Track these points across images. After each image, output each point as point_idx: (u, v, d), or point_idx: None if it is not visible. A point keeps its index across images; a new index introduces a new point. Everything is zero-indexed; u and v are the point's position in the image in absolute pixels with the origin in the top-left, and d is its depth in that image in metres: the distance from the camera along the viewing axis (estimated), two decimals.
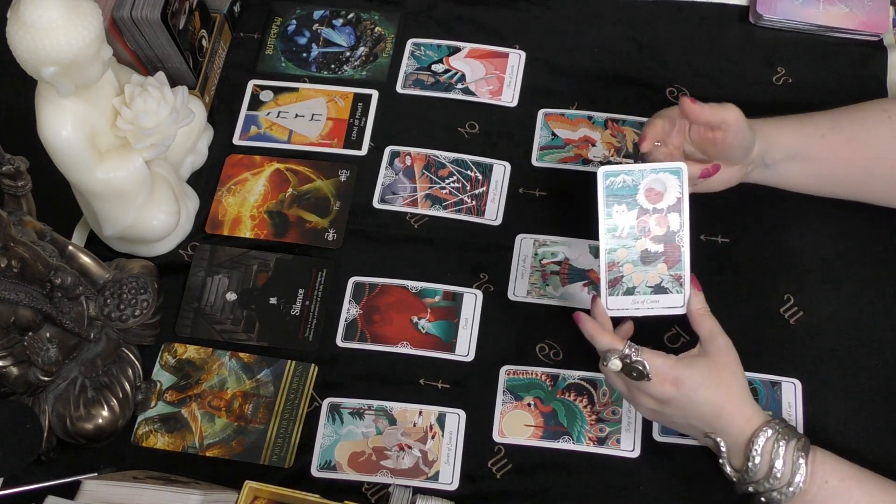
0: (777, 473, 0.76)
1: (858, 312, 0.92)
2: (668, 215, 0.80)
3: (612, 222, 0.80)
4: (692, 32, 1.10)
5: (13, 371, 0.84)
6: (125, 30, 0.97)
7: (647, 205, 0.80)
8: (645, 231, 0.80)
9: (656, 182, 0.79)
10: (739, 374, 0.79)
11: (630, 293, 0.81)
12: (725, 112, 0.82)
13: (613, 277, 0.81)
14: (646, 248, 0.81)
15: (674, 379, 0.78)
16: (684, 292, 0.81)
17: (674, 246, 0.80)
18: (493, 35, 1.12)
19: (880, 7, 1.07)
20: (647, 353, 0.78)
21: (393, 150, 1.05)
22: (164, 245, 1.00)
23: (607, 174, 0.79)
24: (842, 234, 0.96)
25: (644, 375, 0.78)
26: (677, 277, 0.81)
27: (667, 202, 0.80)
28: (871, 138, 0.87)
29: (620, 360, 0.78)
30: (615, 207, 0.80)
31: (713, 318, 0.81)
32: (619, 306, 0.82)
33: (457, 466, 0.89)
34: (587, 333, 0.81)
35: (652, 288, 0.81)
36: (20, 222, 0.87)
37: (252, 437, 0.91)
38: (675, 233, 0.80)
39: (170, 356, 0.96)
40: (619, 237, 0.80)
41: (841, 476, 0.76)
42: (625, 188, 0.79)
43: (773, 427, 0.77)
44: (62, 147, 0.86)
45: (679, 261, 0.81)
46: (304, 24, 1.14)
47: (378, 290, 0.98)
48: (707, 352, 0.79)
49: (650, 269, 0.81)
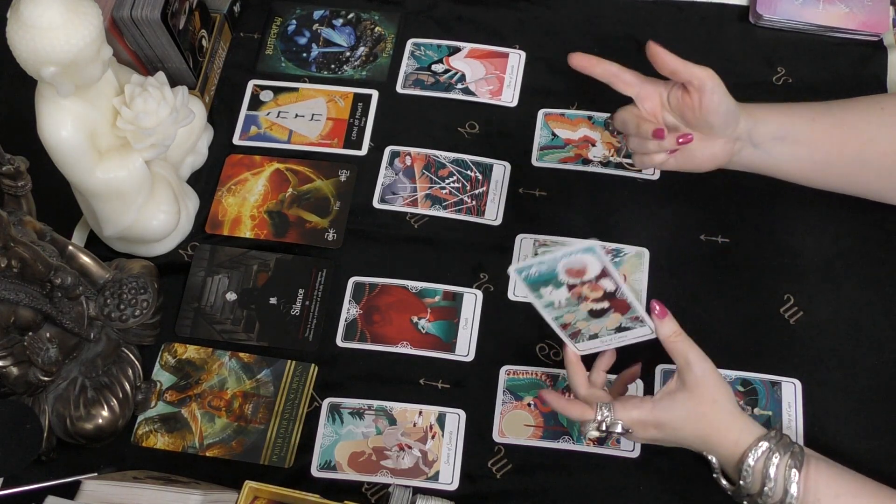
0: (769, 492, 0.75)
1: (858, 312, 0.92)
2: (598, 282, 0.75)
3: (545, 301, 0.77)
4: (692, 32, 1.10)
5: (13, 371, 0.84)
6: (125, 30, 0.97)
7: (573, 280, 0.75)
8: (582, 298, 0.77)
9: (573, 263, 0.74)
10: (722, 400, 0.77)
11: (595, 338, 0.81)
12: (696, 69, 0.80)
13: (572, 332, 0.80)
14: (591, 308, 0.78)
15: (655, 424, 0.78)
16: (648, 324, 0.79)
17: (618, 300, 0.77)
18: (493, 35, 1.12)
19: (880, 7, 1.07)
20: (621, 410, 0.77)
21: (393, 150, 1.05)
22: (164, 245, 1.00)
23: (519, 271, 0.74)
24: (842, 234, 0.96)
25: (624, 432, 0.78)
26: (635, 318, 0.79)
27: (591, 274, 0.75)
28: (861, 123, 0.86)
29: (597, 429, 0.78)
30: (542, 290, 0.76)
31: (688, 342, 0.78)
32: (589, 347, 0.82)
33: (457, 466, 0.89)
34: (555, 409, 0.81)
35: (614, 330, 0.80)
36: (20, 222, 0.87)
37: (252, 437, 0.91)
38: (613, 292, 0.76)
39: (170, 356, 0.96)
40: (559, 308, 0.78)
41: (836, 492, 0.75)
42: (542, 276, 0.75)
43: (765, 444, 0.76)
44: (62, 147, 0.86)
45: (629, 307, 0.77)
46: (304, 24, 1.14)
47: (378, 290, 0.98)
48: (685, 384, 0.78)
49: (605, 319, 0.79)
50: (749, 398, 0.89)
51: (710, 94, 0.81)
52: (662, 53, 0.81)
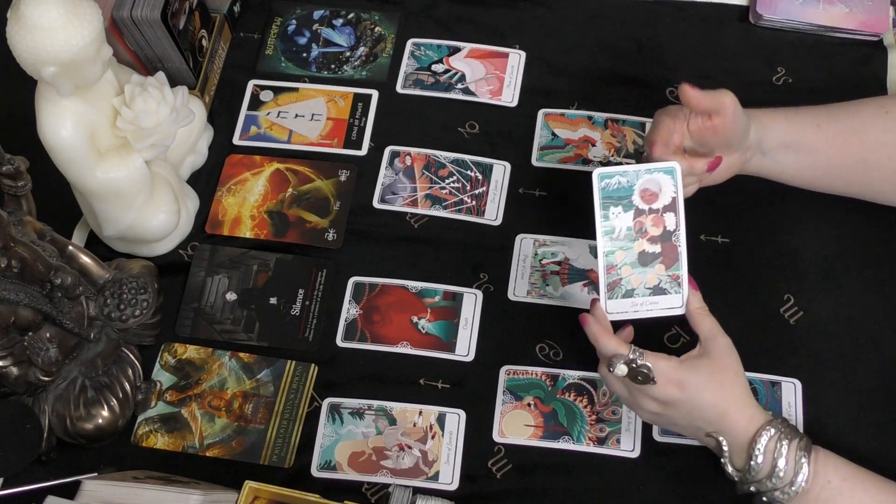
0: (779, 473, 0.76)
1: (858, 312, 0.92)
2: (663, 215, 0.80)
3: (608, 224, 0.80)
4: (692, 32, 1.10)
5: (13, 371, 0.84)
6: (125, 30, 0.97)
7: (642, 205, 0.79)
8: (642, 232, 0.80)
9: (651, 182, 0.79)
10: (741, 375, 0.79)
11: (629, 296, 0.81)
12: (722, 96, 0.82)
13: (612, 280, 0.81)
14: (643, 249, 0.80)
15: (678, 381, 0.78)
16: (682, 292, 0.81)
17: (671, 246, 0.80)
18: (493, 35, 1.12)
19: (880, 7, 1.07)
20: (650, 357, 0.78)
21: (393, 150, 1.05)
22: (164, 245, 1.00)
23: (602, 176, 0.79)
24: (842, 234, 0.96)
25: (649, 379, 0.78)
26: (675, 278, 0.81)
27: (662, 202, 0.80)
28: (866, 130, 0.87)
29: (626, 364, 0.78)
30: (611, 209, 0.80)
31: (712, 318, 0.81)
32: (619, 309, 0.82)
33: (457, 466, 0.89)
34: (591, 336, 0.80)
35: (650, 289, 0.81)
36: (20, 222, 0.87)
37: (252, 437, 0.91)
38: (671, 232, 0.80)
39: (170, 356, 0.96)
40: (616, 239, 0.80)
41: (843, 476, 0.76)
42: (620, 189, 0.79)
43: (776, 426, 0.77)
44: (62, 147, 0.86)
45: (676, 261, 0.81)
46: (304, 24, 1.14)
47: (378, 290, 0.98)
48: (708, 352, 0.79)
49: (648, 270, 0.81)
50: None
51: (731, 117, 0.82)
52: (696, 94, 0.81)
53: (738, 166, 0.88)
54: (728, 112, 0.82)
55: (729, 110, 0.82)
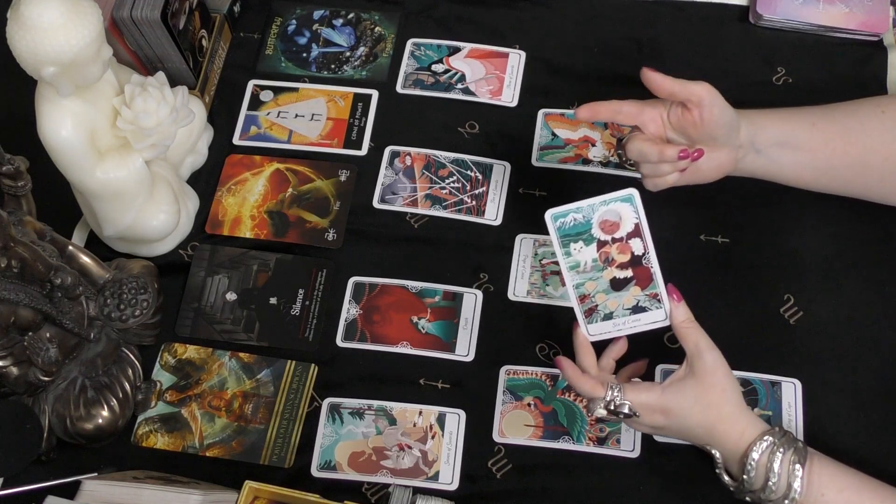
0: (772, 486, 0.75)
1: (858, 312, 0.92)
2: (629, 242, 0.78)
3: (572, 260, 0.78)
4: (692, 32, 1.10)
5: (13, 371, 0.84)
6: (125, 30, 0.97)
7: (604, 236, 0.77)
8: (609, 261, 0.78)
9: (609, 213, 0.77)
10: (730, 390, 0.78)
11: (609, 318, 0.80)
12: (693, 87, 0.81)
13: (588, 308, 0.80)
14: (614, 277, 0.79)
15: (662, 409, 0.77)
16: (664, 307, 0.80)
17: (642, 269, 0.78)
18: (493, 35, 1.12)
19: (880, 7, 1.07)
20: (630, 392, 0.77)
21: (393, 150, 1.05)
22: (164, 245, 1.00)
23: (556, 216, 0.77)
24: (842, 234, 0.96)
25: (631, 415, 0.77)
26: (654, 296, 0.79)
27: (625, 230, 0.77)
28: (862, 128, 0.87)
29: (605, 407, 0.78)
30: (572, 246, 0.78)
31: (699, 330, 0.79)
32: (601, 331, 0.81)
33: (457, 466, 0.89)
34: (567, 380, 0.80)
35: (630, 309, 0.80)
36: (20, 222, 0.87)
37: (252, 437, 0.91)
38: (640, 256, 0.78)
39: (170, 356, 0.96)
40: (583, 272, 0.79)
41: (839, 487, 0.75)
42: (577, 226, 0.77)
43: (769, 439, 0.76)
44: (62, 147, 0.86)
45: (651, 280, 0.79)
46: (304, 24, 1.14)
47: (378, 290, 0.98)
48: (694, 371, 0.78)
49: (624, 293, 0.79)
50: (749, 398, 0.89)
51: (709, 108, 0.81)
52: (658, 77, 0.81)
53: (729, 166, 0.87)
54: (704, 102, 0.81)
55: (705, 101, 0.81)
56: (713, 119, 0.82)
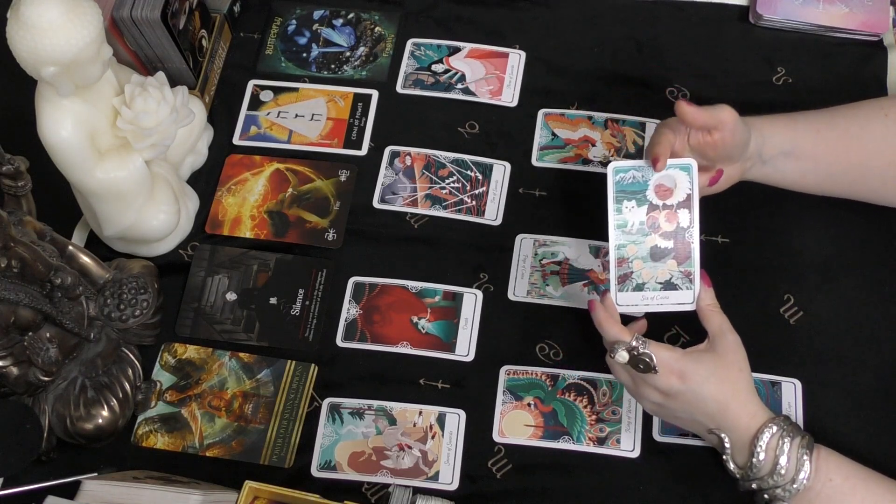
0: (781, 470, 0.76)
1: (858, 312, 0.92)
2: (677, 211, 0.80)
3: (621, 218, 0.80)
4: (692, 32, 1.10)
5: (13, 371, 0.84)
6: (125, 30, 0.97)
7: (656, 201, 0.80)
8: (655, 227, 0.80)
9: (666, 178, 0.79)
10: (746, 372, 0.79)
11: (640, 289, 0.81)
12: (720, 113, 0.82)
13: (623, 273, 0.81)
14: (655, 245, 0.80)
15: (680, 372, 0.78)
16: (694, 288, 0.81)
17: (684, 242, 0.80)
18: (493, 35, 1.12)
19: (880, 7, 1.07)
20: (654, 346, 0.78)
21: (393, 150, 1.05)
22: (164, 245, 1.00)
23: (617, 170, 0.79)
24: (842, 234, 0.96)
25: (651, 368, 0.78)
26: (687, 274, 0.81)
27: (677, 198, 0.80)
28: (865, 135, 0.87)
29: (628, 351, 0.78)
30: (625, 203, 0.80)
31: (723, 315, 0.81)
32: (629, 302, 0.82)
33: (457, 466, 0.89)
34: (597, 321, 0.81)
35: (662, 284, 0.81)
36: (20, 222, 0.87)
37: (252, 437, 0.91)
38: (685, 229, 0.80)
39: (170, 356, 0.96)
40: (628, 233, 0.80)
41: (845, 474, 0.76)
42: (634, 184, 0.79)
43: (778, 424, 0.77)
44: (62, 147, 0.86)
45: (689, 257, 0.81)
46: (304, 24, 1.14)
47: (378, 290, 0.98)
48: (715, 347, 0.79)
49: (660, 265, 0.81)
50: None
51: (731, 132, 0.82)
52: (692, 111, 0.81)
53: (738, 176, 0.88)
54: (727, 128, 0.82)
55: (728, 126, 0.82)
56: (734, 141, 0.83)
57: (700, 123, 0.82)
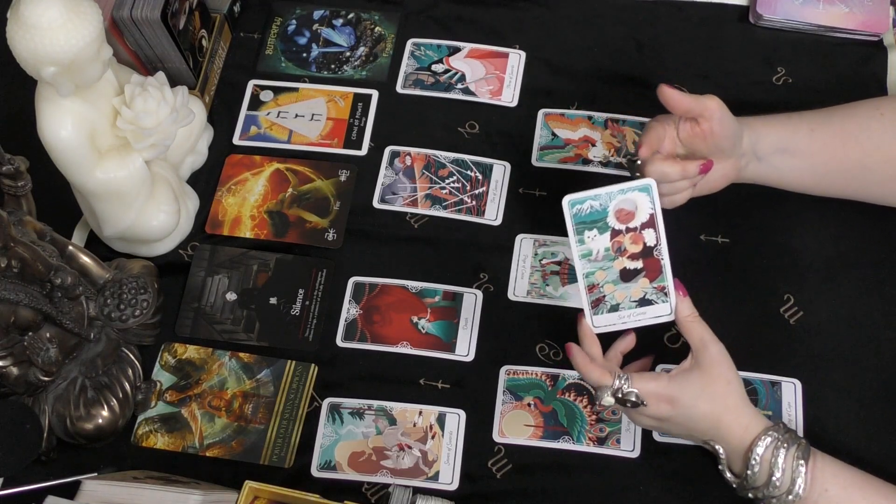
0: (776, 482, 0.75)
1: (858, 312, 0.92)
2: (642, 232, 0.78)
3: (585, 248, 0.78)
4: (692, 32, 1.10)
5: (13, 371, 0.85)
6: (125, 30, 0.97)
7: (619, 226, 0.78)
8: (621, 251, 0.78)
9: (625, 202, 0.77)
10: (735, 383, 0.78)
11: (615, 310, 0.80)
12: (706, 101, 0.81)
13: (595, 298, 0.80)
14: (624, 267, 0.79)
15: (668, 398, 0.77)
16: (670, 301, 0.80)
17: (653, 261, 0.79)
18: (493, 35, 1.12)
19: (880, 7, 1.07)
20: (637, 380, 0.77)
21: (393, 150, 1.05)
22: (164, 245, 1.00)
23: (573, 203, 0.77)
24: (842, 234, 0.96)
25: (638, 403, 0.77)
26: (661, 289, 0.80)
27: (639, 220, 0.77)
28: (860, 132, 0.87)
29: (612, 395, 0.78)
30: (586, 234, 0.78)
31: (703, 324, 0.79)
32: (606, 323, 0.81)
33: (457, 466, 0.89)
34: (576, 367, 0.80)
35: (636, 301, 0.80)
36: (20, 222, 0.87)
37: (252, 437, 0.91)
38: (652, 248, 0.78)
39: (170, 356, 0.96)
40: (595, 261, 0.79)
41: (843, 483, 0.75)
42: (593, 213, 0.77)
43: (773, 434, 0.76)
44: (62, 147, 0.86)
45: (661, 273, 0.79)
46: (304, 24, 1.14)
47: (378, 290, 0.98)
48: (699, 363, 0.78)
49: (632, 285, 0.79)
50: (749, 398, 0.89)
51: (718, 120, 0.82)
52: (675, 95, 0.81)
53: (734, 174, 0.88)
54: (714, 116, 0.82)
55: (715, 115, 0.82)
56: (723, 131, 0.83)
57: (684, 108, 0.82)
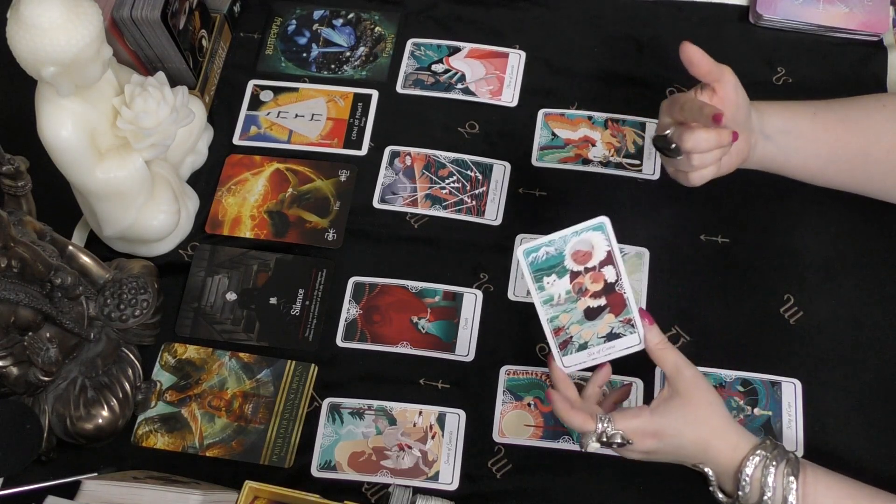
0: (767, 500, 0.75)
1: (858, 312, 0.92)
2: (601, 270, 0.77)
3: (546, 294, 0.78)
4: (692, 32, 1.10)
5: (13, 371, 0.84)
6: (125, 30, 0.97)
7: (577, 267, 0.77)
8: (582, 291, 0.78)
9: (581, 244, 0.76)
10: (716, 403, 0.78)
11: (584, 348, 0.80)
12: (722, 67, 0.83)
13: (563, 340, 0.80)
14: (588, 306, 0.78)
15: (654, 432, 0.77)
16: (638, 331, 0.80)
17: (616, 295, 0.78)
18: (493, 35, 1.12)
19: (880, 7, 1.07)
20: (620, 420, 0.77)
21: (393, 150, 1.05)
22: (164, 245, 1.00)
23: (527, 252, 0.76)
24: (842, 234, 0.96)
25: (624, 443, 0.77)
26: (627, 321, 0.79)
27: (597, 258, 0.77)
28: (863, 119, 0.87)
29: (597, 440, 0.77)
30: (545, 280, 0.77)
31: (674, 350, 0.79)
32: (576, 362, 0.81)
33: (457, 466, 0.89)
34: (557, 414, 0.79)
35: (604, 337, 0.80)
36: (20, 222, 0.87)
37: (252, 437, 0.91)
38: (613, 283, 0.78)
39: (170, 356, 0.96)
40: (557, 305, 0.78)
41: (835, 496, 0.75)
42: (549, 259, 0.76)
43: (761, 452, 0.76)
44: (62, 147, 0.86)
45: (625, 306, 0.79)
46: (304, 24, 1.14)
47: (378, 290, 0.98)
48: (677, 391, 0.78)
49: (598, 322, 0.79)
50: (749, 398, 0.89)
51: (734, 88, 0.83)
52: (698, 54, 0.81)
53: (746, 152, 0.87)
54: (730, 83, 0.82)
55: (731, 81, 0.82)
56: (737, 100, 0.83)
57: (705, 69, 0.82)
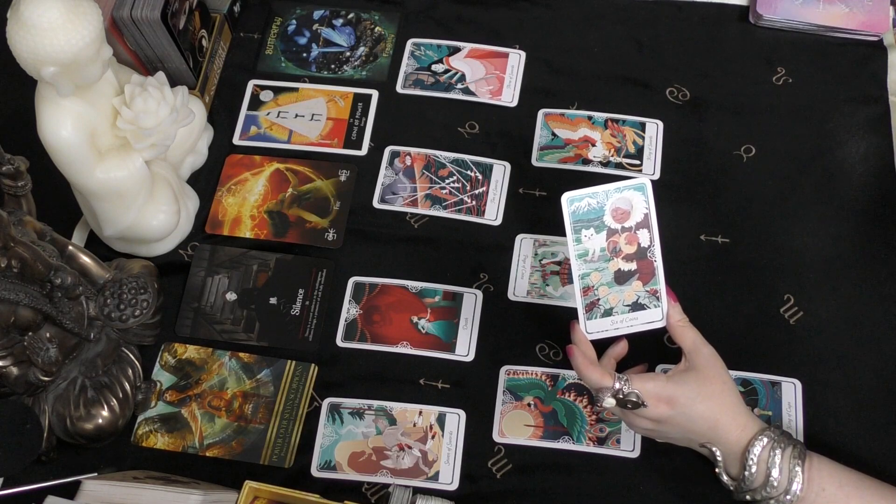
0: (774, 482, 0.76)
1: (858, 312, 0.92)
2: (637, 232, 0.79)
3: (582, 248, 0.79)
4: (692, 32, 1.10)
5: (13, 371, 0.84)
6: (125, 30, 0.97)
7: (614, 225, 0.79)
8: (616, 251, 0.79)
9: (622, 201, 0.78)
10: (730, 383, 0.79)
11: (608, 314, 0.81)
12: None
13: (590, 301, 0.81)
14: (619, 268, 0.80)
15: (667, 399, 0.78)
16: (662, 306, 0.81)
17: (647, 262, 0.80)
18: (493, 35, 1.12)
19: (880, 7, 1.07)
20: (636, 381, 0.78)
21: (393, 150, 1.05)
22: (164, 245, 1.00)
23: (571, 200, 0.78)
24: (842, 234, 0.96)
25: (639, 404, 0.78)
26: (653, 292, 0.81)
27: (634, 219, 0.79)
28: None
29: (613, 396, 0.78)
30: (583, 232, 0.79)
31: (694, 329, 0.80)
32: (599, 329, 0.82)
33: (457, 466, 0.89)
34: (576, 369, 0.80)
35: (629, 306, 0.81)
36: (20, 222, 0.87)
37: (252, 437, 0.91)
38: (646, 249, 0.79)
39: (170, 356, 0.96)
40: (590, 261, 0.80)
41: (839, 483, 0.76)
42: (590, 211, 0.78)
43: (769, 435, 0.77)
44: (62, 147, 0.86)
45: (653, 276, 0.80)
46: (304, 24, 1.14)
47: (378, 290, 0.98)
48: (694, 365, 0.79)
49: (626, 287, 0.80)
50: (749, 398, 0.89)
51: None
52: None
53: None
54: None
55: None
56: None
57: None
